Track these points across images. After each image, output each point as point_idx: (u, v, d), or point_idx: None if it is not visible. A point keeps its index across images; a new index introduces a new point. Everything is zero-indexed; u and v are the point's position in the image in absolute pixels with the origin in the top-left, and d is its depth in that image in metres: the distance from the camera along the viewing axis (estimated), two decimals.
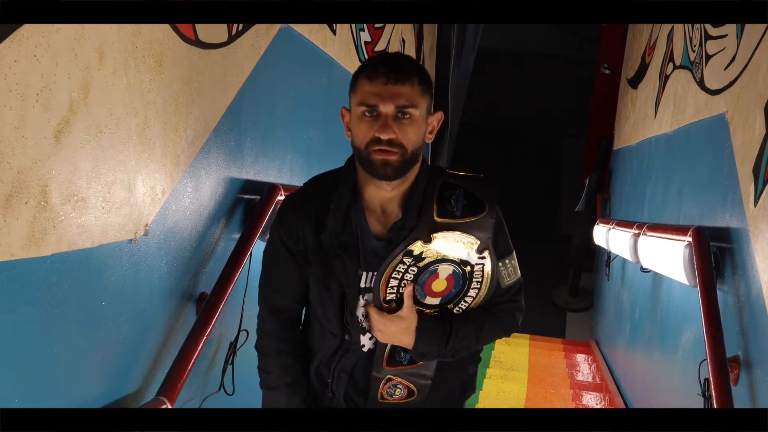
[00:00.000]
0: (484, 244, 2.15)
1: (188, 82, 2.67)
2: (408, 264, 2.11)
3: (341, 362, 2.31)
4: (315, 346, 2.39)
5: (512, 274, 2.31)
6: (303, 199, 2.30)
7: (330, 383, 2.34)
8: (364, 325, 2.25)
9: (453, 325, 2.21)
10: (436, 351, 2.21)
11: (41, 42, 1.82)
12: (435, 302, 2.21)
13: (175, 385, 2.57)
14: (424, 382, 2.32)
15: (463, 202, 2.15)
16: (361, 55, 5.32)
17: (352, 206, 2.20)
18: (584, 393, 6.42)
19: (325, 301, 2.27)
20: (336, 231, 2.17)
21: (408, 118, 2.04)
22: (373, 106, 2.03)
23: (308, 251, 2.23)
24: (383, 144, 2.03)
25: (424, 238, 2.10)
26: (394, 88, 2.02)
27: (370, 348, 2.28)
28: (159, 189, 2.53)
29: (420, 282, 2.16)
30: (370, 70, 2.07)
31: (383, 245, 2.18)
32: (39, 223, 1.88)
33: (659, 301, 4.81)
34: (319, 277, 2.25)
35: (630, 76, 8.00)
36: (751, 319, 2.85)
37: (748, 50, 3.28)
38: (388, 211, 2.19)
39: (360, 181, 2.20)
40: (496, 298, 2.28)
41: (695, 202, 4.07)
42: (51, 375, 2.08)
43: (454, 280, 2.18)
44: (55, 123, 1.91)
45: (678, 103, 4.87)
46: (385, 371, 2.29)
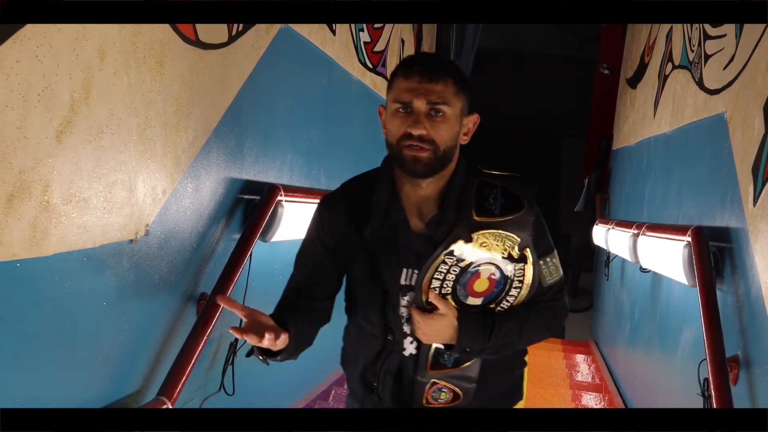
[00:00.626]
0: (524, 243, 2.13)
1: (189, 82, 2.68)
2: (450, 264, 2.10)
3: (386, 364, 2.28)
4: (357, 352, 2.36)
5: (554, 273, 2.28)
6: (342, 197, 2.29)
7: (376, 387, 2.32)
8: (405, 329, 2.23)
9: (495, 320, 2.19)
10: (479, 346, 2.18)
11: (43, 42, 1.83)
12: (477, 302, 2.19)
13: (176, 385, 2.58)
14: (469, 386, 2.30)
15: (501, 201, 2.14)
16: (360, 55, 5.32)
17: (391, 204, 2.19)
18: (584, 393, 6.42)
19: (367, 300, 2.25)
20: (376, 228, 2.17)
21: (441, 116, 2.04)
22: (407, 102, 2.03)
23: (348, 248, 2.23)
24: (414, 140, 2.03)
25: (465, 237, 2.09)
26: (428, 85, 2.02)
27: (412, 353, 2.26)
28: (160, 189, 2.54)
29: (462, 282, 2.14)
30: (405, 68, 2.07)
31: (422, 242, 2.16)
32: (40, 223, 1.89)
33: (659, 301, 4.82)
34: (359, 275, 2.24)
35: (629, 76, 8.00)
36: (750, 318, 2.85)
37: (747, 50, 3.28)
38: (426, 209, 2.18)
39: (398, 178, 2.20)
40: (538, 297, 2.25)
41: (694, 202, 4.08)
42: (52, 375, 2.09)
43: (496, 280, 2.17)
44: (57, 123, 1.91)
45: (677, 102, 4.87)
46: (429, 375, 2.26)
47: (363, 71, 5.43)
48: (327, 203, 2.31)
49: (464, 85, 2.10)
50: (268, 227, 3.36)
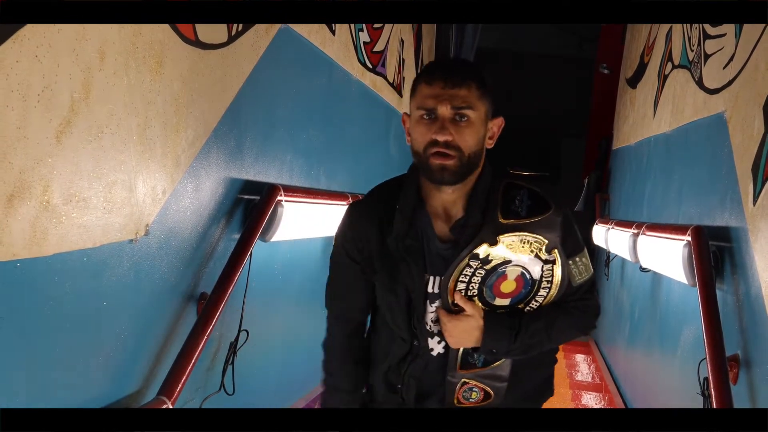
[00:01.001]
0: (552, 244, 2.12)
1: (188, 82, 2.68)
2: (475, 267, 2.10)
3: (411, 367, 2.28)
4: (383, 351, 2.36)
5: (583, 272, 2.26)
6: (367, 206, 2.29)
7: (400, 389, 2.32)
8: (434, 330, 2.23)
9: (522, 320, 2.18)
10: (505, 347, 2.17)
11: (42, 42, 1.83)
12: (505, 303, 2.19)
13: (176, 385, 2.58)
14: (500, 385, 2.30)
15: (527, 202, 2.13)
16: (360, 55, 5.32)
17: (416, 210, 2.19)
18: (583, 393, 6.43)
19: (393, 306, 2.25)
20: (401, 235, 2.16)
21: (465, 121, 2.03)
22: (431, 109, 2.03)
23: (374, 257, 2.23)
24: (440, 146, 2.02)
25: (490, 240, 2.08)
26: (452, 90, 2.01)
27: (440, 352, 2.26)
28: (159, 189, 2.54)
29: (488, 284, 2.14)
30: (428, 74, 2.06)
31: (449, 248, 2.16)
32: (40, 223, 1.89)
33: (658, 301, 4.82)
34: (385, 282, 2.24)
35: (629, 76, 8.00)
36: (750, 318, 2.85)
37: (746, 49, 3.28)
38: (452, 214, 2.18)
39: (423, 185, 2.19)
40: (568, 296, 2.25)
41: (694, 202, 4.08)
42: (52, 375, 2.09)
43: (523, 281, 2.16)
44: (57, 123, 1.91)
45: (677, 102, 4.87)
46: (459, 375, 2.26)
47: (363, 71, 5.43)
48: (352, 213, 2.32)
49: (487, 88, 2.10)
50: (268, 227, 3.36)
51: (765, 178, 2.77)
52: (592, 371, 7.42)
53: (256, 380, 3.67)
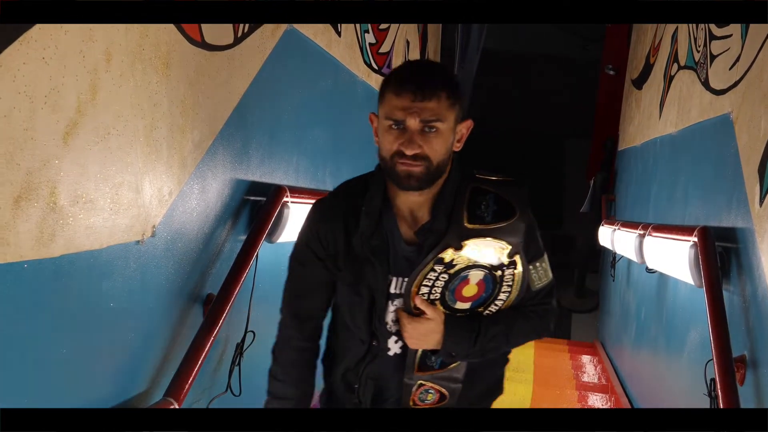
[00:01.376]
0: (515, 249, 2.13)
1: (195, 83, 2.68)
2: (439, 271, 2.11)
3: (368, 368, 2.29)
4: (341, 353, 2.37)
5: (543, 277, 2.29)
6: (333, 204, 2.28)
7: (357, 389, 2.33)
8: (393, 329, 2.23)
9: (482, 324, 2.20)
10: (464, 350, 2.19)
11: (49, 44, 1.83)
12: (465, 307, 2.20)
13: (183, 386, 2.58)
14: (455, 386, 2.31)
15: (493, 208, 2.13)
16: (366, 57, 5.33)
17: (383, 211, 2.19)
18: (590, 394, 6.42)
19: (354, 306, 2.25)
20: (367, 235, 2.16)
21: (434, 132, 2.02)
22: (399, 120, 2.02)
23: (338, 256, 2.22)
24: (407, 158, 2.02)
25: (455, 245, 2.09)
26: (420, 104, 1.99)
27: (397, 352, 2.27)
28: (166, 190, 2.54)
29: (451, 288, 2.15)
30: (397, 84, 2.03)
31: (414, 250, 2.17)
32: (48, 225, 1.89)
33: (665, 302, 4.81)
34: (349, 282, 2.23)
35: (634, 77, 8.00)
36: (757, 318, 2.85)
37: (752, 50, 3.28)
38: (418, 216, 2.18)
39: (390, 187, 2.19)
40: (527, 300, 2.27)
41: (700, 202, 4.07)
42: (59, 376, 2.09)
43: (485, 285, 2.17)
44: (64, 125, 1.92)
45: (683, 103, 4.87)
46: (416, 377, 2.27)
47: (368, 72, 5.43)
48: (317, 211, 2.31)
49: (458, 95, 2.08)
50: (274, 228, 3.37)
51: None
52: (598, 372, 7.41)
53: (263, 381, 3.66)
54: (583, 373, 7.41)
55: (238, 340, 3.20)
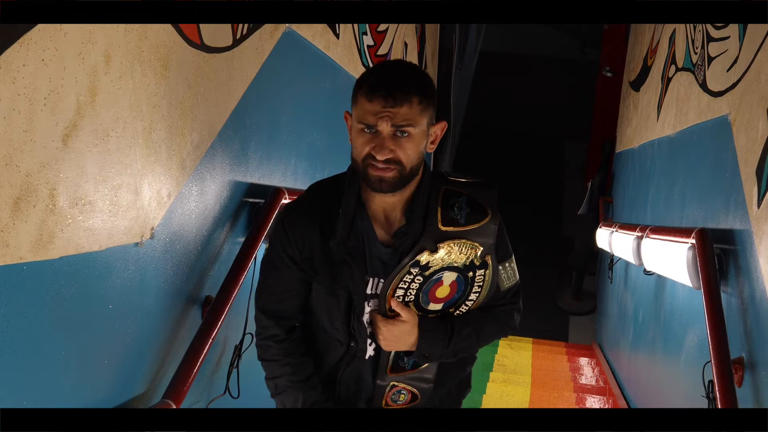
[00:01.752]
0: (487, 250, 2.16)
1: (193, 85, 2.69)
2: (414, 274, 2.12)
3: (347, 370, 2.31)
4: (318, 356, 2.37)
5: (511, 278, 2.32)
6: (307, 206, 2.28)
7: (336, 389, 2.34)
8: (368, 331, 2.24)
9: (454, 325, 2.23)
10: (438, 351, 2.22)
11: (49, 46, 1.83)
12: (437, 308, 2.23)
13: (181, 388, 2.58)
14: (426, 386, 2.33)
15: (466, 210, 2.15)
16: (364, 59, 5.33)
17: (357, 212, 2.20)
18: (588, 396, 6.42)
19: (332, 308, 2.26)
20: (344, 237, 2.17)
21: (406, 136, 2.02)
22: (371, 125, 2.02)
23: (314, 259, 2.22)
24: (379, 162, 2.03)
25: (431, 247, 2.10)
26: (392, 109, 1.99)
27: (371, 355, 2.28)
28: (165, 192, 2.54)
29: (425, 290, 2.16)
30: (368, 89, 2.04)
31: (389, 252, 2.18)
32: (47, 227, 1.89)
33: (663, 304, 4.82)
34: (326, 284, 2.24)
35: (632, 79, 8.01)
36: (755, 320, 2.85)
37: (750, 52, 3.28)
38: (391, 218, 2.20)
39: (363, 188, 2.20)
40: (496, 300, 2.31)
41: (698, 204, 4.08)
42: (58, 378, 2.09)
43: (457, 286, 2.19)
44: (63, 127, 1.92)
45: (680, 105, 4.88)
46: (389, 378, 2.29)
47: None
48: (290, 215, 2.30)
49: (430, 98, 2.08)
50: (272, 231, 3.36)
51: None
52: (596, 374, 7.42)
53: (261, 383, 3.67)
54: (581, 375, 7.42)
55: (236, 342, 3.20)
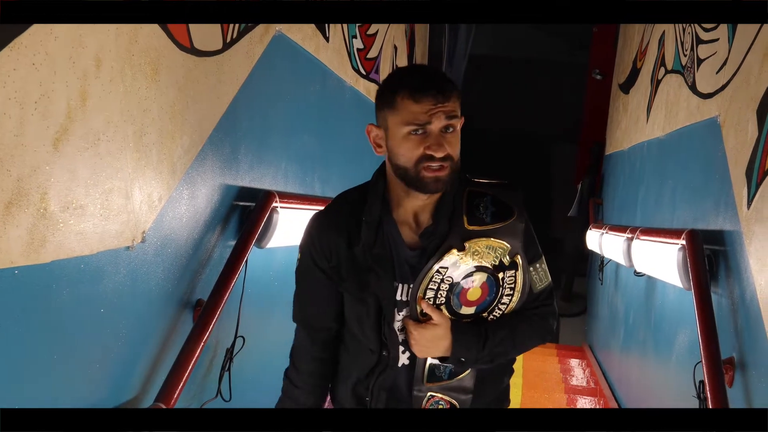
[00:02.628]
0: (515, 250, 2.15)
1: (184, 89, 2.69)
2: (443, 274, 2.11)
3: (380, 379, 2.27)
4: (350, 365, 2.35)
5: (543, 279, 2.30)
6: (333, 215, 2.28)
7: (368, 402, 2.30)
8: (401, 339, 2.22)
9: (489, 328, 2.19)
10: (474, 355, 2.18)
11: (39, 50, 1.83)
12: (470, 311, 2.20)
13: (173, 392, 2.58)
14: (465, 397, 2.29)
15: (491, 209, 2.15)
16: (353, 62, 5.33)
17: (383, 219, 2.19)
18: (579, 397, 6.43)
19: (362, 316, 2.24)
20: (369, 244, 2.16)
21: (451, 132, 2.04)
22: (422, 124, 2.02)
23: (341, 267, 2.21)
24: (437, 161, 2.03)
25: (458, 246, 2.09)
26: (443, 107, 2.00)
27: (405, 363, 2.26)
28: (156, 196, 2.54)
29: (456, 292, 2.14)
30: (413, 90, 2.02)
31: (417, 255, 2.16)
32: (38, 231, 1.89)
33: (653, 305, 4.83)
34: (353, 292, 2.23)
35: (621, 81, 8.02)
36: (745, 321, 2.86)
37: (739, 54, 3.29)
38: (421, 220, 2.18)
39: (392, 193, 2.19)
40: (529, 303, 2.27)
41: (688, 206, 4.09)
42: (49, 382, 2.09)
43: (488, 288, 2.16)
44: (54, 131, 1.91)
45: (670, 107, 4.89)
46: (426, 388, 2.26)
47: (356, 78, 5.44)
48: (316, 224, 2.30)
49: (460, 92, 2.10)
50: (264, 234, 3.36)
51: (759, 181, 2.78)
52: (587, 376, 7.43)
53: (253, 386, 3.67)
54: (572, 376, 7.43)
55: (228, 345, 3.20)
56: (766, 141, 2.78)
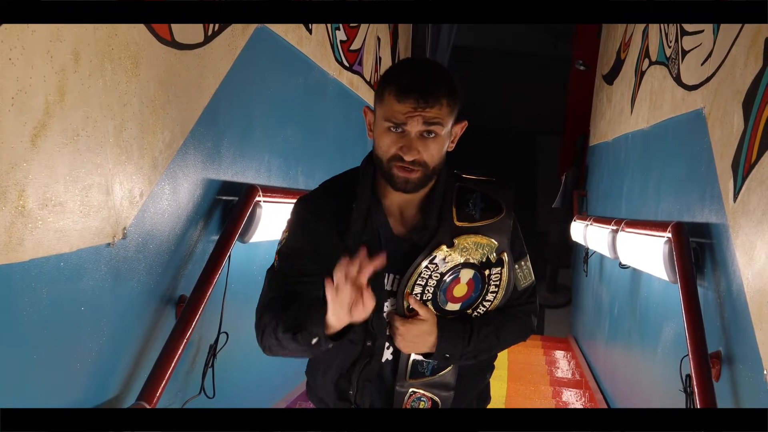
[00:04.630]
0: (502, 247, 2.14)
1: (165, 83, 2.65)
2: (432, 270, 2.09)
3: (365, 371, 2.23)
4: (330, 358, 2.28)
5: (527, 277, 2.30)
6: (321, 200, 2.23)
7: (353, 395, 2.26)
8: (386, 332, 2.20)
9: (474, 324, 2.18)
10: (459, 351, 2.17)
11: (16, 44, 1.80)
12: (456, 308, 2.18)
13: (156, 389, 2.56)
14: (447, 393, 2.28)
15: (481, 205, 2.14)
16: (337, 54, 5.30)
17: (372, 208, 2.16)
18: (564, 390, 6.43)
19: None
20: (358, 232, 2.14)
21: (433, 137, 2.00)
22: (400, 124, 2.00)
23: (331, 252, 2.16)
24: (406, 163, 2.01)
25: (447, 242, 2.08)
26: (423, 112, 1.97)
27: (389, 359, 2.23)
28: (137, 192, 2.51)
29: (442, 288, 2.13)
30: (399, 89, 1.99)
31: (405, 247, 2.14)
32: (16, 229, 1.86)
33: (638, 297, 4.83)
34: None
35: (605, 73, 8.02)
36: (732, 314, 2.85)
37: (725, 46, 3.28)
38: (407, 214, 2.17)
39: (379, 183, 2.16)
40: (513, 300, 2.26)
41: (673, 198, 4.08)
42: (30, 381, 2.06)
43: (474, 285, 2.15)
44: (32, 127, 1.88)
45: (654, 99, 4.88)
46: (408, 384, 2.24)
47: (339, 70, 5.41)
48: (306, 205, 2.24)
49: (457, 99, 2.06)
50: (247, 228, 3.34)
51: (745, 174, 2.77)
52: (572, 368, 7.44)
53: (237, 382, 3.65)
54: (557, 368, 7.44)
55: (211, 341, 3.18)
56: (752, 133, 2.77)
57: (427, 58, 2.69)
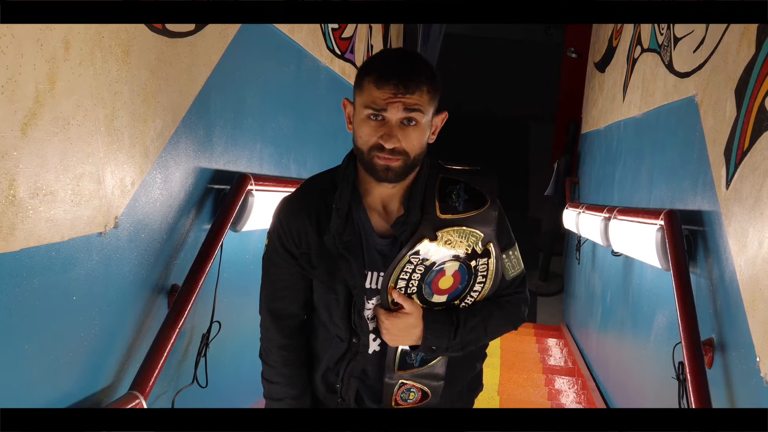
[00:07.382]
0: (488, 238, 2.12)
1: (156, 71, 2.64)
2: (415, 264, 2.09)
3: (350, 367, 2.26)
4: (320, 353, 2.33)
5: (516, 266, 2.28)
6: (302, 201, 2.24)
7: (339, 389, 2.30)
8: (371, 327, 2.21)
9: (460, 316, 2.18)
10: (445, 343, 2.17)
11: (5, 33, 1.78)
12: (442, 300, 2.18)
13: (148, 379, 2.55)
14: (437, 384, 2.29)
15: (464, 197, 2.13)
16: (328, 42, 5.29)
17: (353, 206, 2.16)
18: (557, 377, 6.45)
19: (331, 304, 2.22)
20: (339, 232, 2.14)
21: (413, 125, 2.00)
22: (379, 111, 2.00)
23: (311, 254, 2.18)
24: (386, 152, 2.00)
25: (430, 236, 2.07)
26: (403, 98, 1.97)
27: (376, 350, 2.25)
28: (128, 181, 2.50)
29: (427, 281, 2.12)
30: (378, 76, 1.99)
31: (388, 243, 2.15)
32: (7, 218, 1.85)
33: (631, 285, 4.83)
34: (323, 279, 2.20)
35: (597, 60, 8.02)
36: (724, 302, 2.85)
37: (717, 33, 3.28)
38: (390, 209, 2.16)
39: (361, 179, 2.16)
40: (501, 290, 2.26)
41: (666, 186, 4.09)
42: (23, 372, 2.05)
43: (460, 276, 2.15)
44: (22, 115, 1.87)
45: (647, 86, 4.88)
46: (397, 376, 2.25)
47: (331, 58, 5.40)
48: (285, 209, 2.26)
49: (438, 88, 2.06)
50: (239, 217, 3.33)
51: (738, 161, 2.77)
52: (564, 355, 7.46)
53: (229, 372, 3.64)
54: (550, 356, 7.46)
55: (203, 330, 3.17)
56: (744, 120, 2.77)
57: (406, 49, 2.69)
